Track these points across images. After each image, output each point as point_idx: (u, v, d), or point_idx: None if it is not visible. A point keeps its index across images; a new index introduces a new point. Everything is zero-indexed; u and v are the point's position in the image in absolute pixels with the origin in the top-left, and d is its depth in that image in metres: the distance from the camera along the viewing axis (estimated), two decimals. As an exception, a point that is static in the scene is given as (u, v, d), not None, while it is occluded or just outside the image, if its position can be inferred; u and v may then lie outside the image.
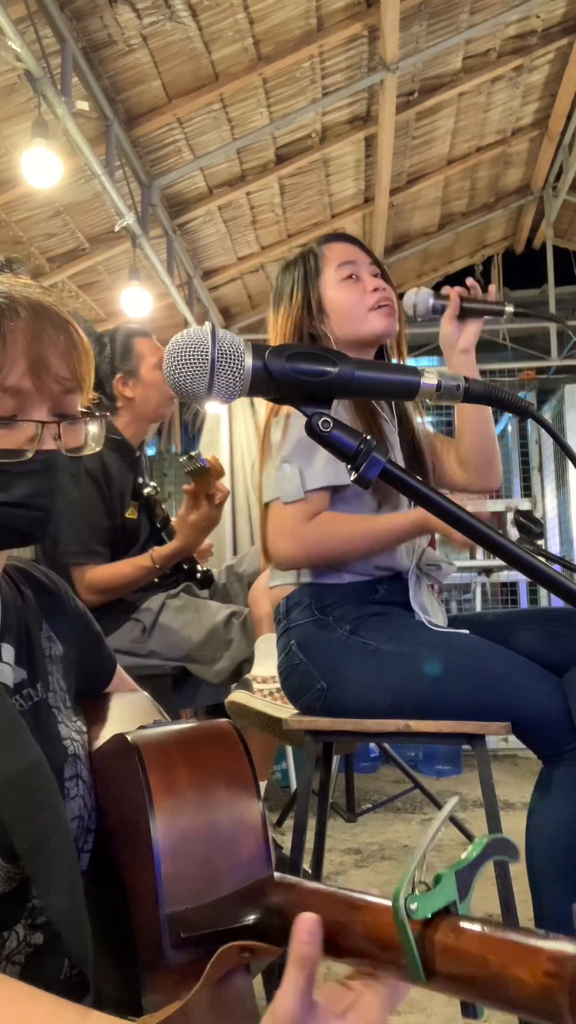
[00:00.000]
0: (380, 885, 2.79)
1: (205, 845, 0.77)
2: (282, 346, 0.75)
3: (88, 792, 0.93)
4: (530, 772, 1.59)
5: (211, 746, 0.84)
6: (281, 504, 1.62)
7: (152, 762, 0.80)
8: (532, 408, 0.88)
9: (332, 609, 1.63)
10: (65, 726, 0.95)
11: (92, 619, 1.12)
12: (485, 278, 6.61)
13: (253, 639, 2.40)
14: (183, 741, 0.84)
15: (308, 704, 1.64)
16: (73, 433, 0.92)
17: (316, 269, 1.76)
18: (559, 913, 1.49)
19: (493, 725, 1.49)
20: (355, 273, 1.74)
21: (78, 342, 0.92)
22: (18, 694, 0.92)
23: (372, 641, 1.58)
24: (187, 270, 5.08)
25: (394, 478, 0.75)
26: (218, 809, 0.79)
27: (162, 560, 2.43)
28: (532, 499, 6.22)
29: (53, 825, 0.82)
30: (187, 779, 0.80)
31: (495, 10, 4.01)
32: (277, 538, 1.64)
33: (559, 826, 1.50)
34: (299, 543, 1.62)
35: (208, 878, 0.76)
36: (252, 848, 0.78)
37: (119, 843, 0.88)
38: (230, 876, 0.76)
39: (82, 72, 3.39)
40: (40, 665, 0.97)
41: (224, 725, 0.87)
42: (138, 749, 0.81)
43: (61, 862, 0.81)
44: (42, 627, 1.00)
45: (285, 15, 3.58)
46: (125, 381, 2.62)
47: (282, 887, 0.74)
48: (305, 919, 0.62)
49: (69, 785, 0.92)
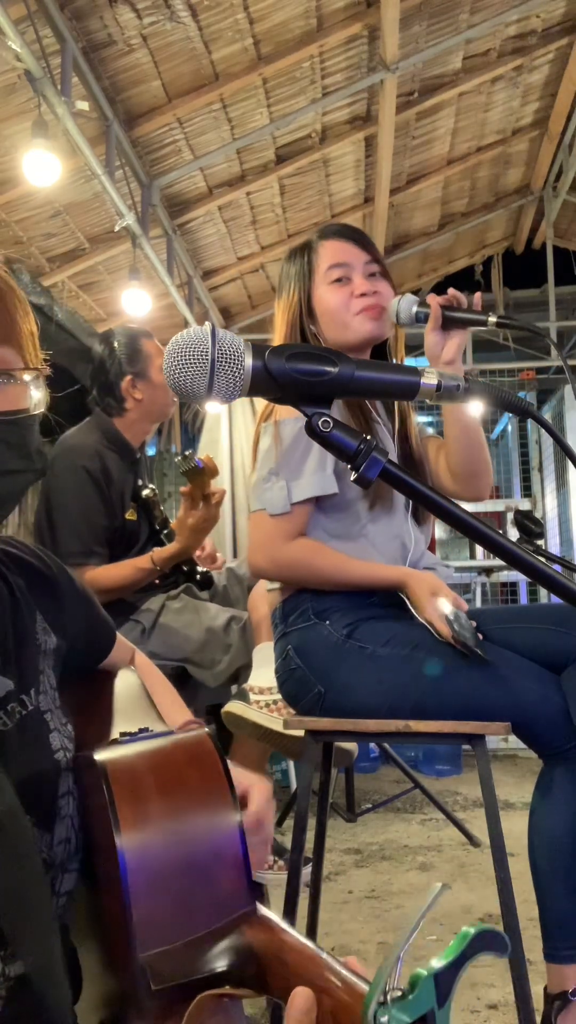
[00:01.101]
0: (380, 885, 2.79)
1: (181, 882, 0.72)
2: (282, 346, 0.75)
3: (76, 810, 0.87)
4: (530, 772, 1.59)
5: (188, 767, 0.78)
6: (266, 516, 1.63)
7: (122, 791, 0.74)
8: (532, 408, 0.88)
9: (329, 613, 1.63)
10: (58, 734, 0.89)
11: (87, 592, 1.05)
12: (485, 278, 6.62)
13: (252, 645, 2.40)
14: (157, 765, 0.78)
15: (306, 708, 1.64)
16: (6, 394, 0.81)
17: (310, 266, 1.75)
18: (562, 912, 1.49)
19: (493, 725, 1.49)
20: (346, 275, 1.72)
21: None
22: (2, 710, 0.84)
23: (369, 645, 1.58)
24: (187, 270, 5.08)
25: (394, 478, 0.75)
26: (195, 841, 0.74)
27: (162, 561, 2.44)
28: (532, 499, 6.22)
29: (29, 877, 0.76)
30: (160, 809, 0.74)
31: (495, 10, 4.01)
32: (255, 549, 1.66)
33: (560, 825, 1.50)
34: (274, 562, 1.64)
35: (185, 917, 0.71)
36: (231, 881, 0.74)
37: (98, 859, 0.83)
38: (208, 912, 0.72)
39: (82, 72, 3.39)
40: (32, 667, 0.90)
41: (203, 742, 0.81)
42: (106, 775, 0.75)
43: (36, 916, 0.75)
44: (36, 619, 0.93)
45: (285, 15, 3.58)
46: (134, 383, 2.62)
47: (263, 928, 0.71)
48: (300, 995, 0.59)
49: (61, 803, 0.85)
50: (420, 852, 3.21)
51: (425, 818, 3.74)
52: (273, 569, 1.66)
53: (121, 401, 2.63)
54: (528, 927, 1.52)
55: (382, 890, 2.76)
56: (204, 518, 2.39)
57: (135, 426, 2.66)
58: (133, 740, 0.83)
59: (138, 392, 2.63)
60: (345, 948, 2.32)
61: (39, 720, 0.88)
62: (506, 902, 1.46)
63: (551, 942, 1.49)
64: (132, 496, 2.63)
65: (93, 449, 2.55)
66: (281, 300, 1.78)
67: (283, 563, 1.63)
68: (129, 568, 2.46)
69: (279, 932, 0.69)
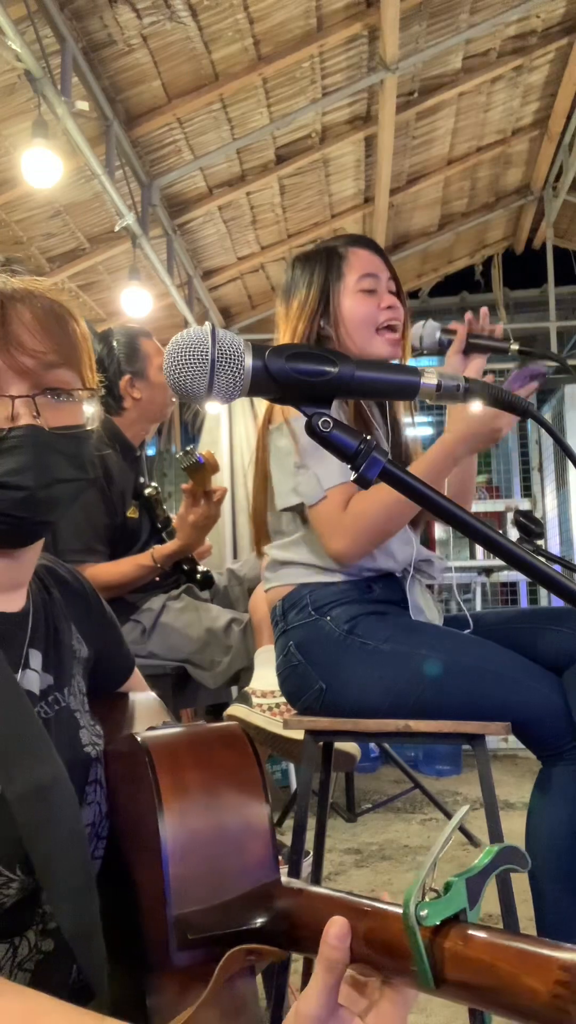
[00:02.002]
0: (380, 885, 2.79)
1: (213, 848, 0.77)
2: (282, 346, 0.75)
3: (103, 797, 0.93)
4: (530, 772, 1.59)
5: (221, 748, 0.84)
6: (315, 508, 1.62)
7: (162, 764, 0.79)
8: (532, 408, 0.88)
9: (329, 609, 1.63)
10: (86, 731, 0.95)
11: (114, 618, 1.12)
12: (485, 278, 6.62)
13: (253, 647, 2.40)
14: (193, 743, 0.84)
15: (307, 704, 1.64)
16: (59, 410, 0.88)
17: (339, 272, 1.74)
18: (560, 912, 1.49)
19: (493, 725, 1.49)
20: (374, 287, 1.74)
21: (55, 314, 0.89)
22: (44, 700, 0.91)
23: (370, 641, 1.58)
24: (187, 270, 5.08)
25: (394, 478, 0.75)
26: (227, 812, 0.79)
27: (163, 559, 2.44)
28: (532, 499, 6.22)
29: (70, 841, 0.81)
30: (196, 781, 0.79)
31: (495, 10, 4.01)
32: (326, 540, 1.62)
33: (559, 826, 1.50)
34: (344, 534, 1.60)
35: (216, 881, 0.75)
36: (260, 852, 0.78)
37: (128, 844, 0.88)
38: (238, 879, 0.76)
39: (82, 72, 3.39)
40: (67, 668, 0.96)
41: (234, 728, 0.87)
42: (148, 750, 0.81)
43: (76, 878, 0.81)
44: (71, 628, 1.00)
45: (285, 15, 3.58)
46: (133, 382, 2.63)
47: (289, 891, 0.74)
48: (335, 923, 0.62)
49: (88, 790, 0.91)
50: (420, 852, 3.21)
51: (425, 818, 3.74)
52: (349, 540, 1.60)
53: (119, 400, 2.63)
54: (528, 927, 1.53)
55: (382, 890, 2.76)
56: (205, 515, 2.40)
57: (134, 425, 2.66)
58: (167, 727, 0.90)
59: (136, 391, 2.63)
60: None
61: (71, 716, 0.94)
62: (506, 902, 1.46)
63: None
64: (134, 494, 2.63)
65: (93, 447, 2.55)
66: (295, 301, 1.76)
67: (351, 526, 1.59)
68: (130, 565, 2.46)
69: (305, 890, 0.72)
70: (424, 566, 1.74)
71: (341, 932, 0.62)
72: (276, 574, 1.72)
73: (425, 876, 0.56)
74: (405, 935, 0.56)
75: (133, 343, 2.66)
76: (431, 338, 1.70)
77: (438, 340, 1.70)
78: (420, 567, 1.72)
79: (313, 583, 1.66)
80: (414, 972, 0.56)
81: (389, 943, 0.59)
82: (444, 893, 0.56)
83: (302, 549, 1.69)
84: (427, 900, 0.56)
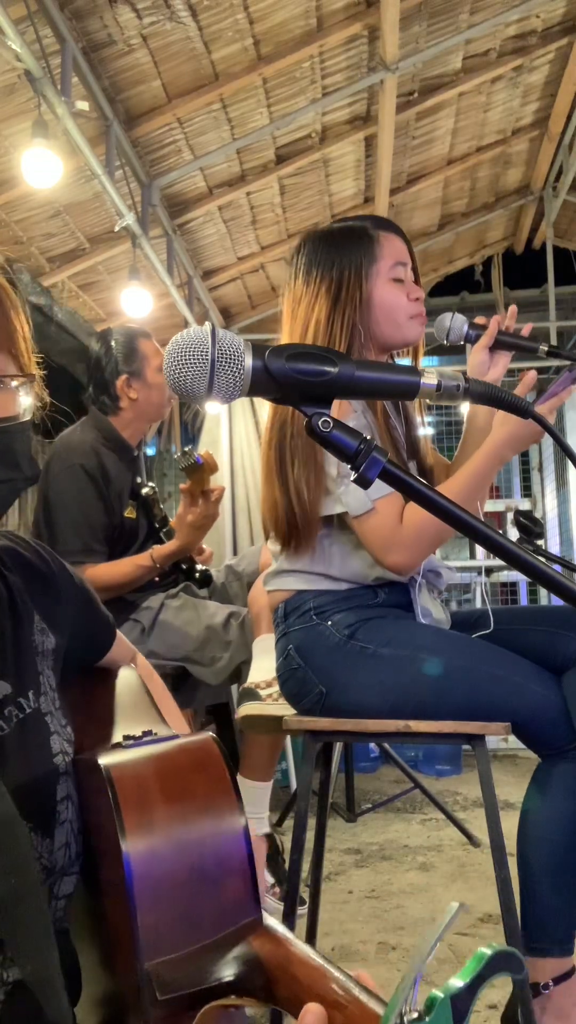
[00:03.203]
0: (380, 885, 2.79)
1: (187, 890, 0.71)
2: (282, 346, 0.75)
3: (76, 814, 0.86)
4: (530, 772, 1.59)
5: (193, 773, 0.77)
6: (365, 520, 1.58)
7: (127, 797, 0.73)
8: (532, 408, 0.88)
9: (330, 614, 1.62)
10: (58, 736, 0.88)
11: (87, 588, 1.04)
12: (485, 278, 6.62)
13: (252, 640, 2.40)
14: (162, 770, 0.77)
15: (307, 708, 1.64)
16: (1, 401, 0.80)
17: (372, 256, 1.66)
18: (546, 908, 1.51)
19: (493, 725, 1.49)
20: (403, 277, 1.69)
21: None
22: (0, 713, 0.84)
23: (370, 645, 1.58)
24: (187, 270, 5.08)
25: (394, 478, 0.75)
26: (201, 848, 0.73)
27: (162, 559, 2.44)
28: (532, 499, 6.23)
29: (26, 887, 0.75)
30: (165, 816, 0.73)
31: (495, 10, 4.00)
32: (382, 554, 1.58)
33: (556, 823, 1.51)
34: (405, 547, 1.56)
35: (190, 925, 0.70)
36: (238, 890, 0.73)
37: (101, 865, 0.82)
38: (214, 922, 0.71)
39: (82, 72, 3.39)
40: (31, 669, 0.89)
41: (208, 746, 0.80)
42: (111, 781, 0.74)
43: (33, 925, 0.74)
44: (33, 620, 0.92)
45: (285, 15, 3.58)
46: (129, 382, 2.63)
47: (269, 939, 0.69)
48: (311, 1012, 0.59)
49: (60, 808, 0.84)
50: (420, 852, 3.21)
51: (425, 818, 3.74)
52: (414, 555, 1.58)
53: (116, 400, 2.64)
54: (528, 927, 1.52)
55: (382, 890, 2.76)
56: (204, 515, 2.40)
57: (131, 425, 2.67)
58: (137, 744, 0.82)
59: (133, 391, 2.63)
60: (345, 948, 2.32)
61: (40, 722, 0.87)
62: (506, 902, 1.46)
63: (530, 935, 1.51)
64: (131, 494, 2.63)
65: (90, 447, 2.55)
66: (317, 283, 1.65)
67: (419, 541, 1.56)
68: (129, 565, 2.47)
69: (286, 943, 0.68)
70: (431, 577, 1.72)
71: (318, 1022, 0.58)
72: (279, 578, 1.71)
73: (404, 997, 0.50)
74: None
75: (131, 343, 2.67)
76: (458, 331, 1.68)
77: (465, 334, 1.68)
78: (428, 577, 1.71)
79: (314, 589, 1.65)
80: None
81: None
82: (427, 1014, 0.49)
83: (315, 556, 1.65)
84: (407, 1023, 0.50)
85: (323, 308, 1.63)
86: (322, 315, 1.63)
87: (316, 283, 1.65)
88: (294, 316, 1.68)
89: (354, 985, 0.60)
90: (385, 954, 2.28)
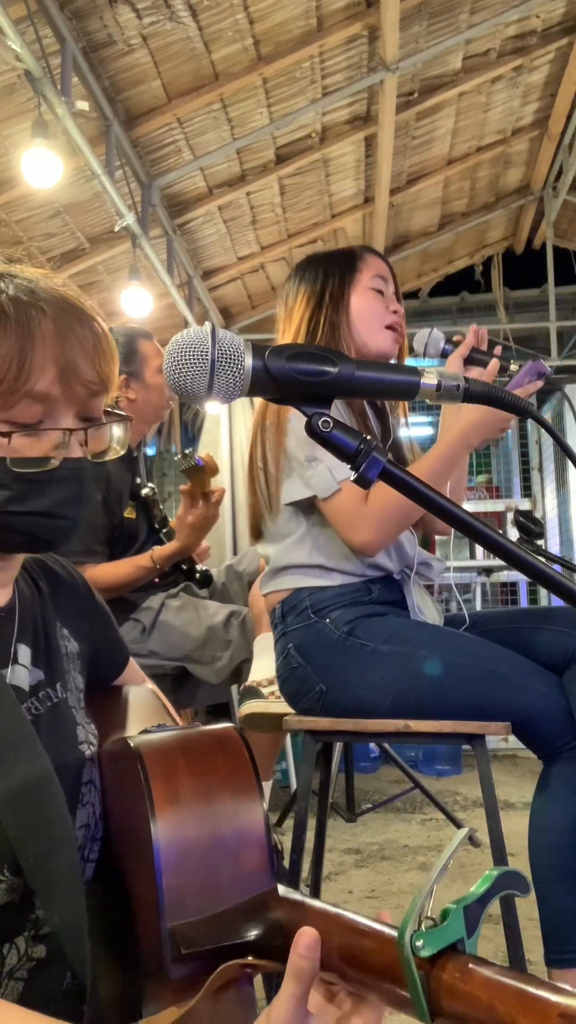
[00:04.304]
0: (380, 885, 2.79)
1: (208, 857, 0.75)
2: (282, 346, 0.75)
3: (98, 798, 0.91)
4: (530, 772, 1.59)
5: (216, 753, 0.82)
6: (331, 501, 1.62)
7: (155, 770, 0.78)
8: (532, 408, 0.88)
9: (328, 612, 1.63)
10: (83, 728, 0.93)
11: (107, 610, 1.10)
12: (485, 278, 6.62)
13: (252, 639, 2.40)
14: (187, 748, 0.82)
15: (307, 706, 1.64)
16: (98, 438, 0.89)
17: (354, 268, 1.80)
18: (564, 913, 1.49)
19: (493, 725, 1.49)
20: (383, 289, 1.81)
21: (104, 341, 0.88)
22: (34, 696, 0.89)
23: (370, 642, 1.58)
24: (187, 270, 5.08)
25: (394, 478, 0.75)
26: (222, 820, 0.77)
27: (162, 560, 2.44)
28: (532, 499, 6.23)
29: (59, 840, 0.80)
30: (191, 788, 0.78)
31: (495, 10, 4.00)
32: (349, 534, 1.62)
33: (561, 825, 1.50)
34: (369, 525, 1.60)
35: (211, 891, 0.74)
36: (255, 861, 0.77)
37: (123, 848, 0.86)
38: (233, 889, 0.74)
39: (82, 72, 3.39)
40: (58, 664, 0.94)
41: (230, 731, 0.85)
42: (140, 756, 0.79)
43: (65, 877, 0.79)
44: (57, 624, 0.97)
45: (285, 15, 3.58)
46: (128, 383, 2.63)
47: (287, 903, 0.73)
48: (305, 933, 0.62)
49: (84, 791, 0.89)
50: (420, 852, 3.21)
51: (425, 818, 3.74)
52: (378, 534, 1.61)
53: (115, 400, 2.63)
54: (528, 927, 1.52)
55: (382, 890, 2.76)
56: (204, 516, 2.40)
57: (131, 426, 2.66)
58: (161, 730, 0.87)
59: (132, 392, 2.63)
60: (345, 948, 2.32)
61: (66, 712, 0.92)
62: (506, 902, 1.46)
63: (554, 946, 1.48)
64: (131, 495, 2.63)
65: None
66: (305, 290, 1.80)
67: (382, 519, 1.60)
68: (129, 566, 2.47)
69: (303, 905, 0.71)
70: (422, 569, 1.74)
71: (311, 943, 0.62)
72: (274, 580, 1.71)
73: (421, 903, 0.54)
74: (400, 963, 0.54)
75: (132, 344, 2.66)
76: (435, 347, 1.75)
77: (442, 350, 1.75)
78: (419, 569, 1.73)
79: (310, 587, 1.66)
80: (408, 1000, 0.55)
81: (384, 969, 0.58)
82: (441, 922, 0.54)
83: (304, 548, 1.68)
84: (423, 929, 0.54)
85: (307, 309, 1.78)
86: (306, 315, 1.77)
87: (304, 291, 1.81)
88: (287, 324, 1.82)
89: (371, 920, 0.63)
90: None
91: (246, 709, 2.18)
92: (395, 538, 1.66)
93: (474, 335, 1.70)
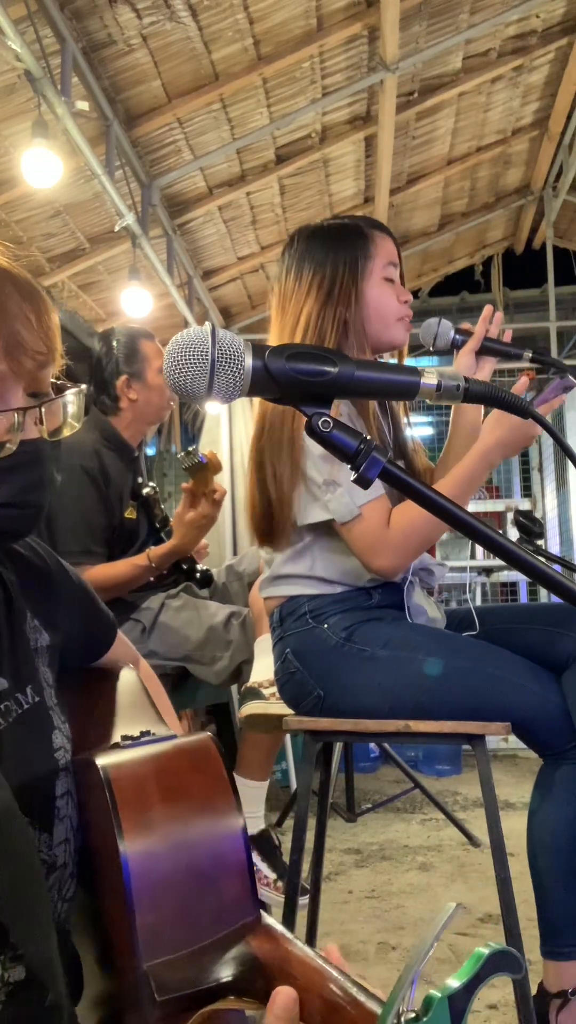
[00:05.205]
0: (380, 885, 2.79)
1: (185, 890, 0.70)
2: (282, 346, 0.75)
3: (75, 809, 0.85)
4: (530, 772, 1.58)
5: (190, 774, 0.77)
6: (349, 526, 1.57)
7: (125, 798, 0.73)
8: (532, 408, 0.88)
9: (326, 617, 1.62)
10: (59, 731, 0.88)
11: (85, 586, 1.04)
12: (485, 278, 6.62)
13: (253, 639, 2.40)
14: (160, 770, 0.76)
15: (306, 711, 1.64)
16: (52, 413, 0.81)
17: (367, 253, 1.65)
18: (562, 909, 1.49)
19: (493, 725, 1.49)
20: (394, 278, 1.69)
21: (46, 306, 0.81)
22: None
23: (368, 647, 1.57)
24: (187, 270, 5.08)
25: (394, 478, 0.75)
26: (199, 849, 0.72)
27: (159, 559, 2.43)
28: (532, 499, 6.23)
29: (27, 874, 0.75)
30: (163, 816, 0.72)
31: (495, 10, 4.00)
32: (369, 558, 1.57)
33: (561, 825, 1.50)
34: (392, 552, 1.55)
35: (190, 926, 0.70)
36: (236, 890, 0.72)
37: (99, 866, 0.81)
38: (212, 922, 0.70)
39: (82, 72, 3.39)
40: (28, 665, 0.88)
41: (206, 745, 0.79)
42: (109, 782, 0.73)
43: (36, 915, 0.74)
44: (26, 618, 0.91)
45: (285, 15, 3.58)
46: (129, 383, 2.62)
47: (268, 939, 0.69)
48: (281, 993, 0.59)
49: (60, 804, 0.84)
50: (420, 852, 3.21)
51: (425, 818, 3.74)
52: (401, 559, 1.57)
53: (116, 400, 2.63)
54: (528, 927, 1.52)
55: (382, 890, 2.76)
56: (204, 515, 2.38)
57: (131, 426, 2.66)
58: (135, 744, 0.82)
59: (133, 392, 2.63)
60: (345, 948, 2.32)
61: (43, 717, 0.86)
62: (506, 902, 1.46)
63: (550, 939, 1.50)
64: (132, 495, 2.63)
65: (91, 448, 2.55)
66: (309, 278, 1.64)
67: (405, 545, 1.56)
68: (126, 566, 2.46)
69: (284, 943, 0.68)
70: (423, 575, 1.72)
71: (288, 1003, 0.59)
72: (273, 585, 1.70)
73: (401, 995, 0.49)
74: None
75: (133, 344, 2.66)
76: (444, 337, 1.69)
77: (452, 340, 1.69)
78: (419, 575, 1.70)
79: (309, 594, 1.65)
80: None
81: None
82: (424, 1014, 0.48)
83: (305, 561, 1.65)
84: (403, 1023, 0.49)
85: (314, 304, 1.62)
86: (313, 311, 1.62)
87: (308, 279, 1.64)
88: (283, 312, 1.67)
89: (352, 985, 0.60)
90: (385, 954, 2.28)
91: (247, 710, 2.18)
92: (414, 560, 1.62)
93: (484, 324, 1.66)
